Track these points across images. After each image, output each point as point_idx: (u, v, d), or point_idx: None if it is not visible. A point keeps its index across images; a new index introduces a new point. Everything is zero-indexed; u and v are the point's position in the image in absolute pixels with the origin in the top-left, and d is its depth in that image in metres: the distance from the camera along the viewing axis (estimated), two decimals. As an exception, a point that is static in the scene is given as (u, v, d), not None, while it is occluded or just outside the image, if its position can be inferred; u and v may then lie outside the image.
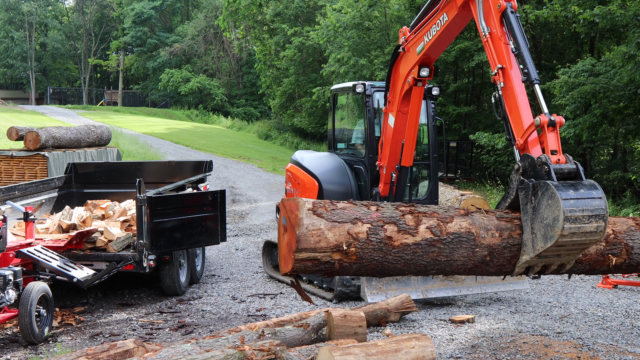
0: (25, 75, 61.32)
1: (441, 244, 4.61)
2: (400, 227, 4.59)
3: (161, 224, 7.71)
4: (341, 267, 4.51)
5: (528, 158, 4.74)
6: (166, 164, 11.11)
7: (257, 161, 27.25)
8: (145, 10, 56.77)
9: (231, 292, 8.92)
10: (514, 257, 4.75)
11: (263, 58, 40.20)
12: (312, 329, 6.18)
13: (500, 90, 5.28)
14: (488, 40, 5.52)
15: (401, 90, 7.57)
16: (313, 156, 9.59)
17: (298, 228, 4.40)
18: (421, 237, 4.60)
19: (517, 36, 5.29)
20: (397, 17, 25.88)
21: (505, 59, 5.32)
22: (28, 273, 7.14)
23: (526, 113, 5.12)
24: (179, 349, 5.29)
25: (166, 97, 57.36)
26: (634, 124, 15.41)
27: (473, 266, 4.74)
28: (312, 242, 4.42)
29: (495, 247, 4.72)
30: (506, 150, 18.54)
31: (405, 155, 8.05)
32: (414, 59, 7.20)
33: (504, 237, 4.73)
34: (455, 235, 4.65)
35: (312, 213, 4.46)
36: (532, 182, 4.57)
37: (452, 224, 4.69)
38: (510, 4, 5.45)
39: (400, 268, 4.65)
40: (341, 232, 4.48)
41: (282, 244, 4.71)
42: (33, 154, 12.82)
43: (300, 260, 4.44)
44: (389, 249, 4.56)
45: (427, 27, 6.80)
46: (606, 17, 13.25)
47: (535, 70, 5.16)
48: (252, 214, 15.73)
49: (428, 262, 4.65)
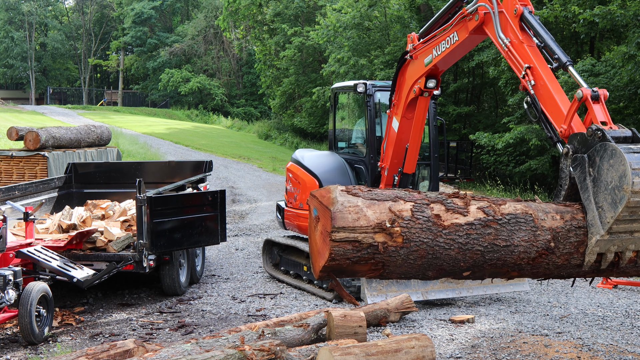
0: (25, 75, 61.35)
1: (497, 224, 4.14)
2: (448, 206, 4.13)
3: (161, 224, 7.71)
4: (387, 253, 3.99)
5: (576, 136, 4.44)
6: (166, 164, 11.11)
7: (257, 161, 27.26)
8: (145, 10, 56.79)
9: (231, 292, 8.92)
10: (581, 243, 4.26)
11: (263, 58, 40.22)
12: (312, 329, 6.18)
13: (532, 90, 5.11)
14: (509, 49, 5.40)
15: (407, 97, 7.50)
16: (313, 155, 9.58)
17: (333, 205, 3.93)
18: (473, 217, 4.13)
19: (540, 31, 5.22)
20: (397, 17, 25.89)
21: (531, 59, 5.21)
22: (28, 273, 7.14)
23: (564, 100, 4.93)
24: (179, 349, 5.29)
25: (166, 97, 57.38)
26: (634, 124, 15.41)
27: (537, 255, 4.22)
28: (349, 220, 3.92)
29: (559, 230, 4.23)
30: (506, 150, 18.55)
31: (408, 162, 8.02)
32: (421, 70, 7.12)
33: (566, 219, 4.27)
34: (511, 216, 4.19)
35: (346, 193, 4.04)
36: (587, 154, 4.23)
37: (505, 206, 4.25)
38: (528, 7, 5.39)
39: (455, 256, 4.11)
40: (382, 209, 4.00)
41: (314, 240, 4.21)
42: (33, 154, 12.82)
43: (338, 243, 3.91)
44: (439, 230, 4.05)
45: (437, 41, 6.72)
46: (606, 17, 13.26)
47: (565, 54, 5.04)
48: (252, 214, 15.73)
49: (485, 248, 4.12)
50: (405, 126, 7.76)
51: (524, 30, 5.39)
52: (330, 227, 3.91)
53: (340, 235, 3.90)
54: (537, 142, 15.62)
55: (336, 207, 3.92)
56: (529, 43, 5.32)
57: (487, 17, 5.80)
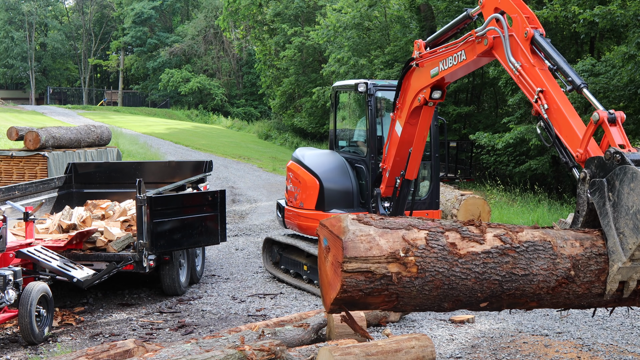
0: (25, 75, 61.37)
1: (515, 252, 4.02)
2: (464, 234, 4.02)
3: (161, 224, 7.71)
4: (401, 283, 3.87)
5: (594, 160, 4.30)
6: (166, 164, 11.11)
7: (257, 161, 27.26)
8: (145, 10, 56.81)
9: (231, 292, 8.92)
10: (602, 271, 4.12)
11: (263, 58, 40.24)
12: (312, 329, 6.18)
13: (545, 114, 4.97)
14: (521, 73, 5.28)
15: (411, 103, 7.46)
16: (314, 154, 9.56)
17: (344, 235, 3.81)
18: (490, 245, 4.00)
19: (552, 54, 5.09)
20: (397, 17, 25.90)
21: (543, 82, 5.08)
22: (28, 273, 7.14)
23: (579, 124, 4.77)
24: (179, 349, 5.29)
25: (166, 97, 57.41)
26: (634, 124, 15.42)
27: (557, 284, 4.08)
28: (361, 249, 3.80)
29: (579, 257, 4.11)
30: (506, 150, 18.55)
31: (410, 168, 8.00)
32: (427, 79, 7.03)
33: (586, 246, 4.15)
34: (529, 244, 4.06)
35: (357, 221, 3.92)
36: (606, 178, 4.10)
37: (522, 233, 4.13)
38: (538, 30, 5.28)
39: (471, 286, 3.97)
40: (395, 238, 3.88)
41: (324, 271, 4.08)
42: (33, 154, 12.82)
43: (351, 274, 3.78)
44: (455, 259, 3.93)
45: (444, 55, 6.61)
46: (606, 17, 13.26)
47: (579, 76, 4.91)
48: (252, 214, 15.73)
49: (503, 277, 3.99)
50: (408, 131, 7.72)
51: (535, 54, 5.26)
52: (341, 258, 3.78)
53: (352, 266, 3.78)
54: (537, 142, 15.62)
55: (347, 236, 3.80)
56: (541, 66, 5.19)
57: (496, 41, 5.68)
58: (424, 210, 9.05)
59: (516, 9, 5.50)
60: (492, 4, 5.81)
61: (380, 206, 8.46)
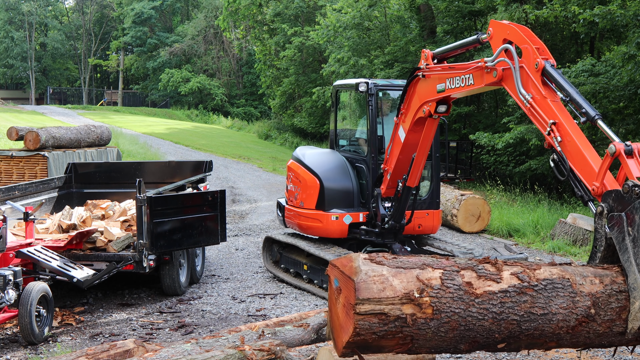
0: (25, 75, 61.39)
1: (533, 291, 3.91)
2: (480, 272, 3.92)
3: (161, 224, 7.71)
4: (416, 325, 3.74)
5: (611, 193, 4.21)
6: (166, 164, 11.11)
7: (257, 161, 27.25)
8: (145, 10, 56.83)
9: (231, 292, 8.92)
10: (623, 308, 4.02)
11: (263, 58, 40.24)
12: (312, 329, 6.18)
13: (559, 146, 4.86)
14: (532, 105, 5.18)
15: (415, 113, 7.41)
16: (314, 153, 9.56)
17: (356, 275, 3.70)
18: (507, 284, 3.90)
19: (564, 85, 4.98)
20: (397, 17, 25.90)
21: (556, 114, 4.97)
22: (28, 273, 7.14)
23: (593, 156, 4.66)
24: (179, 349, 5.29)
25: (166, 97, 57.42)
26: (634, 124, 15.42)
27: (577, 323, 3.98)
28: (374, 291, 3.68)
29: (599, 295, 4.00)
30: (506, 150, 18.55)
31: (412, 175, 8.01)
32: (433, 93, 6.97)
33: (606, 283, 4.06)
34: (548, 281, 3.96)
35: (369, 261, 3.82)
36: (625, 212, 4.01)
37: (540, 270, 4.03)
38: (549, 61, 5.19)
39: (489, 327, 3.85)
40: (409, 278, 3.77)
41: (335, 313, 3.94)
42: (33, 154, 12.83)
43: (364, 316, 3.63)
44: (472, 299, 3.82)
45: (451, 73, 6.55)
46: (606, 17, 13.25)
47: (593, 107, 4.80)
48: (252, 214, 15.72)
49: (521, 317, 3.88)
50: (411, 137, 7.70)
51: (547, 85, 5.16)
52: (354, 299, 3.65)
53: (365, 308, 3.64)
54: (537, 142, 15.61)
55: (360, 277, 3.68)
56: (553, 98, 5.08)
57: (506, 73, 5.60)
58: (424, 210, 9.05)
59: (525, 39, 5.40)
60: (501, 35, 5.73)
61: (381, 206, 8.47)
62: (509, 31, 5.65)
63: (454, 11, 22.09)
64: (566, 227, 12.03)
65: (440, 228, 9.85)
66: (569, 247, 11.61)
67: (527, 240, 12.70)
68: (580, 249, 11.41)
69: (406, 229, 8.71)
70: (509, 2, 17.55)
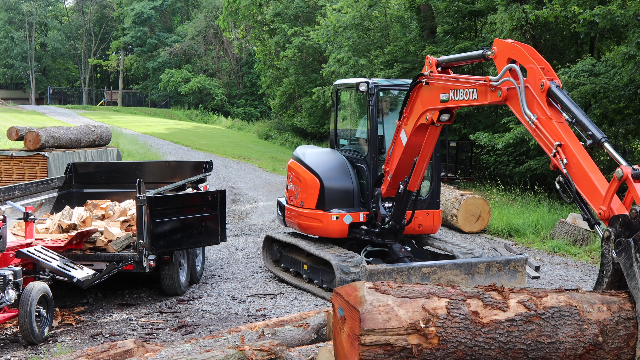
0: (25, 75, 61.38)
1: (540, 319, 3.88)
2: (486, 301, 3.88)
3: (161, 224, 7.70)
4: (422, 356, 3.71)
5: (618, 218, 4.20)
6: (166, 164, 11.11)
7: (257, 161, 27.25)
8: (145, 10, 56.82)
9: (231, 292, 8.92)
10: (631, 336, 3.99)
11: (263, 58, 40.24)
12: (312, 329, 6.17)
13: (565, 169, 4.84)
14: (537, 126, 5.16)
15: (418, 119, 7.40)
16: (315, 153, 9.55)
17: (361, 306, 3.67)
18: (514, 312, 3.87)
19: (570, 106, 4.95)
20: (397, 17, 25.90)
21: (561, 136, 4.94)
22: (28, 273, 7.14)
23: (600, 179, 4.64)
24: (179, 349, 5.29)
25: (166, 97, 57.42)
26: (634, 124, 15.43)
27: (584, 351, 3.95)
28: (379, 321, 3.64)
29: (606, 322, 3.98)
30: (506, 150, 18.54)
31: (412, 180, 8.01)
32: (436, 101, 6.95)
33: (614, 310, 4.03)
34: (555, 309, 3.94)
35: (374, 290, 3.80)
36: (633, 238, 4.00)
37: (547, 298, 4.02)
38: (554, 81, 5.17)
39: (495, 356, 3.82)
40: (414, 307, 3.74)
41: (340, 342, 3.89)
42: (33, 154, 12.83)
43: (369, 347, 3.61)
44: (478, 328, 3.78)
45: (456, 86, 6.54)
46: (606, 17, 13.25)
47: (599, 130, 4.78)
48: (252, 214, 15.72)
49: (528, 346, 3.85)
50: (412, 142, 7.71)
51: (552, 106, 5.14)
52: (359, 330, 3.63)
53: (370, 339, 3.61)
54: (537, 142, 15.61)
55: (365, 307, 3.66)
56: (558, 119, 5.06)
57: (510, 92, 5.59)
58: (424, 209, 9.05)
59: (530, 59, 5.37)
60: (505, 54, 5.71)
61: (381, 206, 8.46)
62: (513, 50, 5.61)
63: (454, 11, 22.08)
64: (566, 227, 12.03)
65: (440, 228, 9.85)
66: (569, 247, 11.61)
67: (527, 240, 12.70)
68: (580, 249, 11.42)
69: (406, 229, 8.71)
70: (509, 2, 17.54)
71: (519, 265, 8.35)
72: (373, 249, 9.00)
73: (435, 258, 9.09)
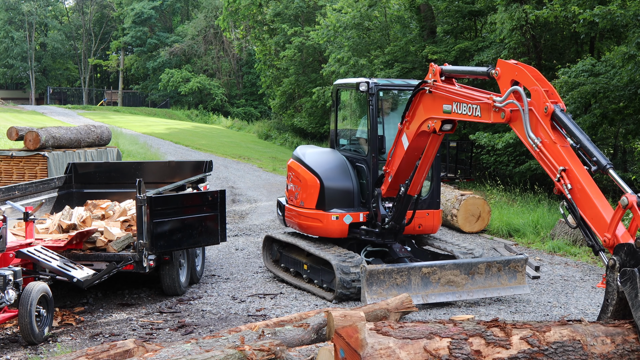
0: (25, 75, 61.38)
1: (543, 355, 3.86)
2: (489, 339, 3.85)
3: (161, 224, 7.71)
4: None
5: (623, 247, 4.18)
6: (166, 164, 11.11)
7: (257, 161, 27.25)
8: (145, 10, 56.82)
9: (231, 292, 8.92)
10: None
11: (263, 58, 40.23)
12: (312, 329, 6.17)
13: (569, 194, 4.80)
14: (541, 150, 5.12)
15: (419, 126, 7.40)
16: (315, 152, 9.55)
17: (362, 349, 3.64)
18: (517, 350, 3.83)
19: (574, 131, 4.91)
20: (397, 17, 25.89)
21: (566, 160, 4.89)
22: (28, 273, 7.14)
23: (605, 205, 4.62)
24: (179, 349, 5.29)
25: (166, 97, 57.42)
26: (634, 124, 15.42)
27: None
28: None
29: (610, 356, 3.97)
30: (506, 150, 18.54)
31: (413, 185, 8.01)
32: (438, 111, 6.91)
33: (618, 342, 4.01)
34: (558, 344, 3.91)
35: (375, 332, 3.78)
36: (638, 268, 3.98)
37: (550, 332, 3.98)
38: (559, 105, 5.13)
39: None
40: (416, 349, 3.70)
41: None
42: (33, 154, 12.82)
43: None
44: None
45: (459, 99, 6.50)
46: (606, 17, 13.25)
47: (604, 156, 4.75)
48: (252, 214, 15.72)
49: None
50: (414, 146, 7.71)
51: (556, 130, 5.10)
52: None
53: None
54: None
55: (366, 350, 3.62)
56: (562, 143, 5.02)
57: (514, 114, 5.55)
58: (424, 209, 9.06)
59: (534, 81, 5.34)
60: (509, 75, 5.68)
61: (381, 206, 8.47)
62: (517, 72, 5.58)
63: (454, 11, 22.08)
64: (566, 227, 12.03)
65: (440, 228, 9.86)
66: (569, 247, 11.62)
67: (527, 240, 12.70)
68: (580, 249, 11.42)
69: (406, 229, 8.71)
70: (509, 2, 17.54)
71: (519, 265, 8.36)
72: (373, 249, 9.00)
73: (435, 258, 9.09)
